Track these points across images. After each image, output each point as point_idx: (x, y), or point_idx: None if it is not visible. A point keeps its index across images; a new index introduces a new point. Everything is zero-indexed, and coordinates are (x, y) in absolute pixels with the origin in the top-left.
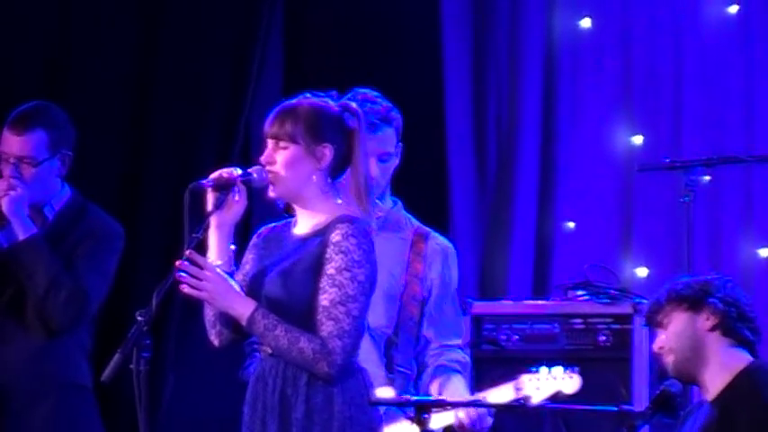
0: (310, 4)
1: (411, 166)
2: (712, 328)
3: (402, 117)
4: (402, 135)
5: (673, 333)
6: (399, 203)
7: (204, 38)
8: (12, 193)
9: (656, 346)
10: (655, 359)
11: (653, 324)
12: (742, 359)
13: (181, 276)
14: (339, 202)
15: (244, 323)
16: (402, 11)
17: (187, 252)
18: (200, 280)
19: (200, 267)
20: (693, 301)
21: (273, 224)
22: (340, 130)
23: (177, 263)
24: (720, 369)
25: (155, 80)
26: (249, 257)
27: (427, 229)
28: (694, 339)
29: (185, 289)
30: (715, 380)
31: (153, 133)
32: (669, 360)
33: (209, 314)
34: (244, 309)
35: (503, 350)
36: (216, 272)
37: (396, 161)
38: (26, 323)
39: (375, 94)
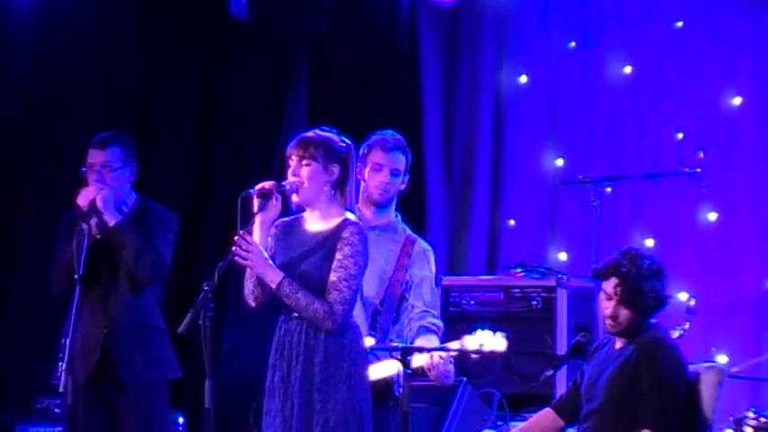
0: (328, 74)
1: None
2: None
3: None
4: (408, 169)
5: (625, 318)
6: (399, 217)
7: (255, 91)
8: (102, 192)
9: (608, 312)
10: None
11: (610, 287)
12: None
13: (235, 249)
14: (343, 210)
15: (274, 287)
16: (394, 74)
17: (241, 232)
18: (247, 252)
19: (248, 243)
20: (647, 310)
21: (287, 218)
22: (346, 156)
23: (235, 238)
24: (641, 334)
25: (217, 123)
26: (272, 243)
27: (415, 236)
28: (640, 325)
29: (237, 259)
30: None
31: (216, 158)
32: (615, 326)
33: (248, 285)
34: (275, 276)
35: (464, 311)
36: (258, 248)
37: (402, 184)
38: (120, 285)
39: (393, 133)
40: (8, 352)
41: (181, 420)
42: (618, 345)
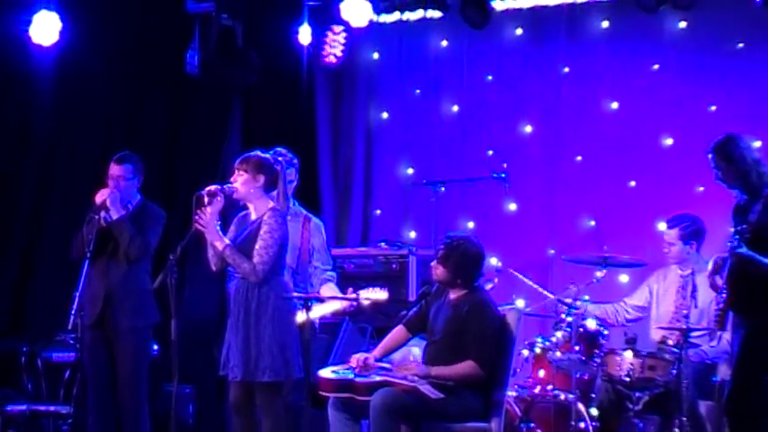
0: (254, 113)
1: (305, 181)
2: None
3: (299, 162)
4: (299, 170)
5: (440, 272)
6: (296, 203)
7: (205, 122)
8: (111, 195)
9: (432, 264)
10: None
11: (439, 254)
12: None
13: (196, 218)
14: (270, 203)
15: (220, 249)
16: (298, 112)
17: (200, 209)
18: (204, 222)
19: (205, 217)
20: (456, 274)
21: (244, 212)
22: (271, 169)
23: (197, 211)
24: (470, 294)
25: (179, 143)
26: (232, 228)
27: (309, 215)
28: (451, 281)
29: (197, 226)
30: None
31: (178, 168)
32: (435, 276)
33: (210, 253)
34: (221, 242)
35: (346, 272)
36: (212, 219)
37: (295, 183)
38: (119, 260)
39: (285, 150)
40: (38, 300)
41: (156, 347)
42: (451, 296)
